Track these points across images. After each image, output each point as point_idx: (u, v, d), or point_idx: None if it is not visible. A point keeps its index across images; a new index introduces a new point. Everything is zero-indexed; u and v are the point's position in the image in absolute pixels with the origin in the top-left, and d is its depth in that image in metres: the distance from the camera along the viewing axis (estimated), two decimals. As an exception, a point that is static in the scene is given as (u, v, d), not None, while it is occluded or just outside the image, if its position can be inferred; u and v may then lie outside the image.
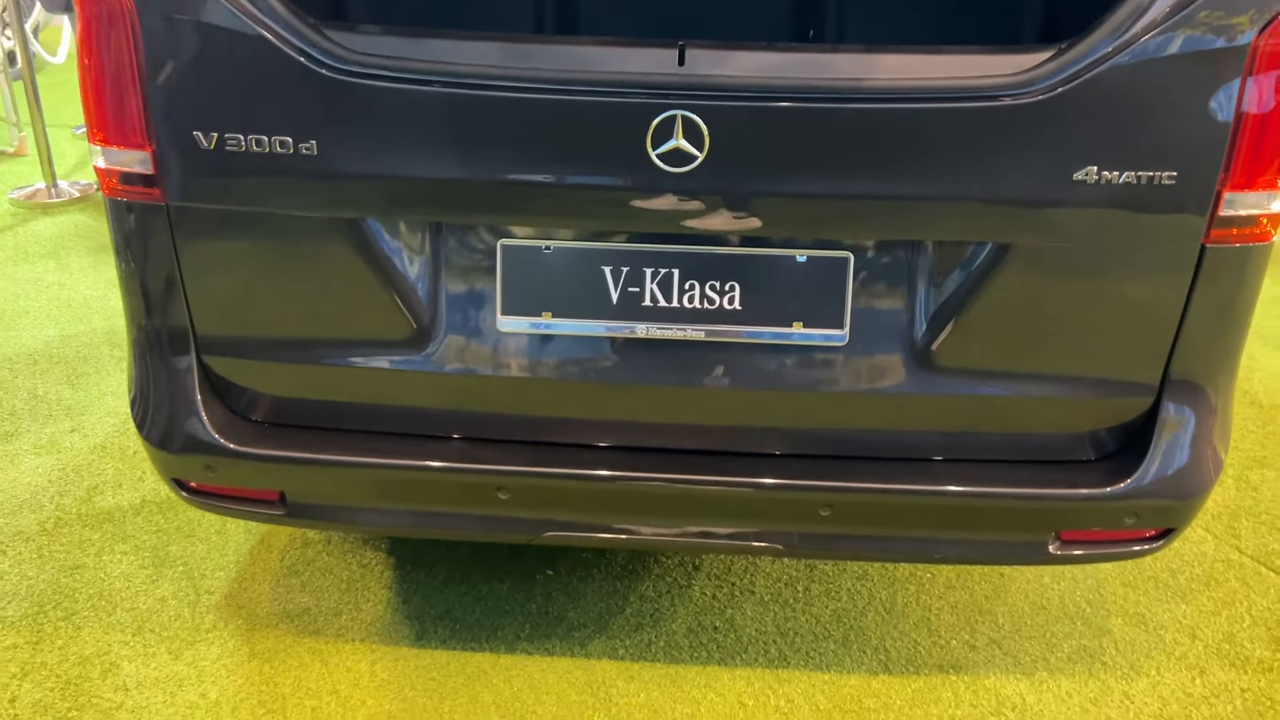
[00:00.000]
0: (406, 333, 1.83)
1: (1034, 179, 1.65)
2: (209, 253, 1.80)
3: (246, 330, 1.85)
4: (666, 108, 1.61)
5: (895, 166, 1.66)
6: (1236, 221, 1.70)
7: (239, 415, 1.93)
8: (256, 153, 1.68)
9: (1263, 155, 1.66)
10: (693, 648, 2.27)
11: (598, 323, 1.81)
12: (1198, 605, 2.44)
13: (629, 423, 1.89)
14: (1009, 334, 1.79)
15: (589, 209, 1.72)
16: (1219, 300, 1.76)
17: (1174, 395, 1.82)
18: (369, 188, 1.72)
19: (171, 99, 1.68)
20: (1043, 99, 1.60)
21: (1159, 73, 1.60)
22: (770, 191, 1.68)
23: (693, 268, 1.78)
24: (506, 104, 1.63)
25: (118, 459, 2.95)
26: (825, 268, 1.78)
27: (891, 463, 1.89)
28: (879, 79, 1.63)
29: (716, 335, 1.81)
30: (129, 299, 1.90)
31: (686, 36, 2.09)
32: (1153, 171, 1.64)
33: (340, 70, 1.63)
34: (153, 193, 1.76)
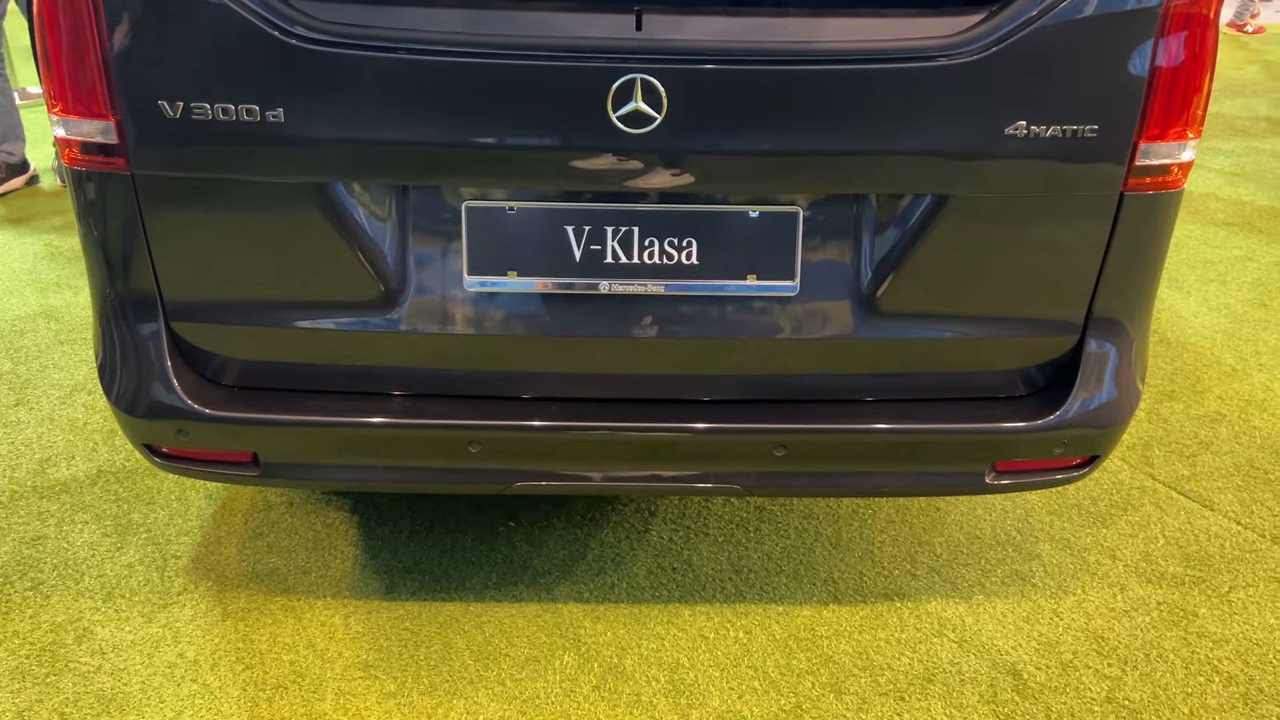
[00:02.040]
0: (374, 294, 1.89)
1: (969, 134, 1.77)
2: (175, 220, 1.83)
3: (215, 296, 1.89)
4: (625, 71, 1.68)
5: (841, 125, 1.76)
6: (1151, 170, 1.84)
7: (209, 380, 1.97)
8: (223, 121, 1.71)
9: (1174, 108, 1.80)
10: (654, 587, 2.39)
11: (561, 280, 1.89)
12: (1117, 529, 2.63)
13: (594, 375, 1.98)
14: (947, 280, 1.91)
15: (552, 171, 1.79)
16: (1136, 243, 1.91)
17: (1097, 332, 1.96)
18: (336, 153, 1.76)
19: (134, 69, 1.70)
20: (975, 59, 1.71)
21: (1081, 33, 1.72)
22: (725, 150, 1.77)
23: (652, 225, 1.87)
24: (470, 69, 1.69)
25: (67, 430, 2.95)
26: (776, 222, 1.88)
27: (841, 404, 2.01)
28: (825, 42, 1.73)
29: (675, 289, 1.90)
30: (94, 269, 1.91)
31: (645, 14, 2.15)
32: (1076, 125, 1.77)
33: (306, 39, 1.66)
34: (116, 162, 1.78)
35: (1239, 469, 2.90)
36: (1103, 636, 2.28)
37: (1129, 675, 2.18)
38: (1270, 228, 4.83)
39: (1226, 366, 3.50)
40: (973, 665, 2.19)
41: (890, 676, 2.16)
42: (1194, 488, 2.81)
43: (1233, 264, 4.40)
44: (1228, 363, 3.53)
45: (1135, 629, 2.30)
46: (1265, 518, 2.69)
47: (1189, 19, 1.74)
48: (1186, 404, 3.25)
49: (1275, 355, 3.59)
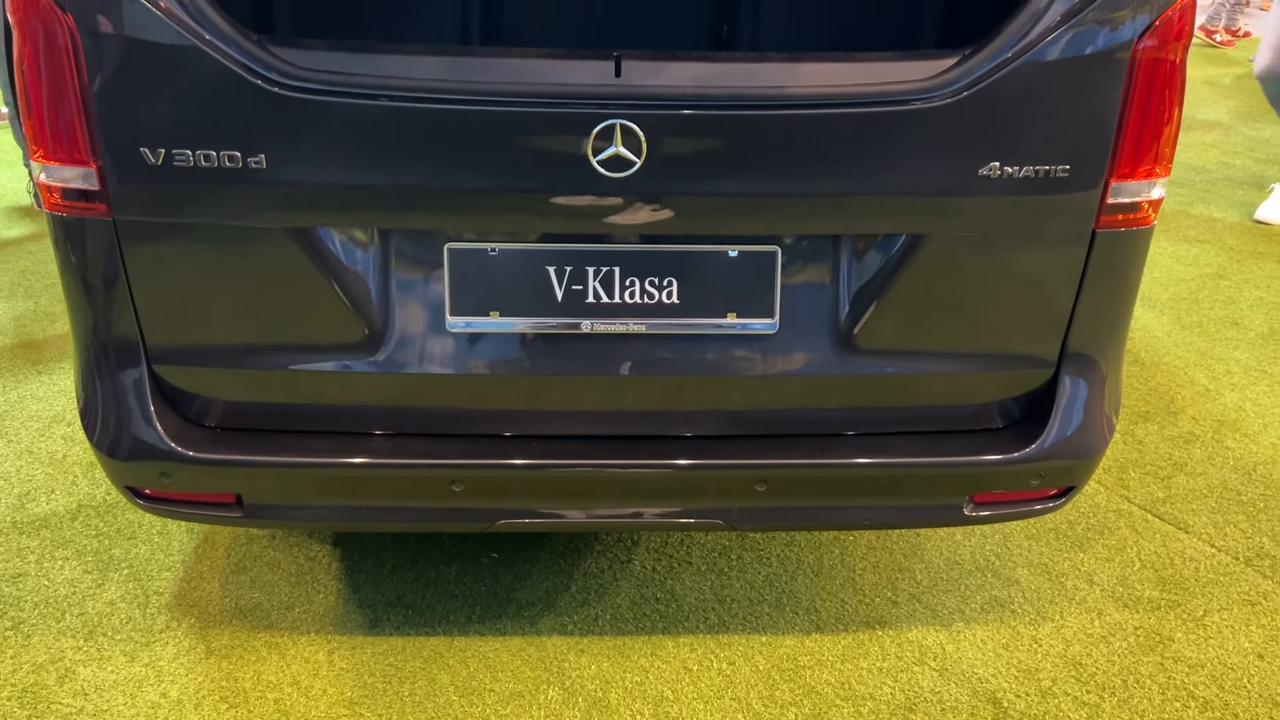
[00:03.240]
0: (358, 335, 1.90)
1: (943, 175, 1.80)
2: (157, 265, 1.83)
3: (198, 339, 1.89)
4: (605, 117, 1.71)
5: (818, 167, 1.79)
6: (1122, 208, 1.88)
7: (193, 421, 1.97)
8: (205, 167, 1.72)
9: (1143, 148, 1.84)
10: (637, 619, 2.40)
11: (544, 320, 1.90)
12: (1094, 553, 2.67)
13: (577, 412, 1.99)
14: (923, 317, 1.94)
15: (534, 214, 1.81)
16: (1109, 279, 1.94)
17: (1071, 366, 2.00)
18: (318, 198, 1.77)
19: (116, 116, 1.71)
20: (949, 102, 1.74)
21: (1052, 76, 1.76)
22: (704, 192, 1.80)
23: (632, 265, 1.89)
24: (453, 116, 1.71)
25: (46, 464, 2.93)
26: (755, 262, 1.90)
27: (821, 438, 2.03)
28: (801, 86, 1.75)
29: (656, 328, 1.92)
30: (76, 312, 1.91)
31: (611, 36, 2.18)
32: (1049, 165, 1.80)
33: (288, 86, 1.68)
34: (98, 208, 1.78)
35: (1212, 490, 2.95)
36: (1081, 663, 2.31)
37: (1107, 702, 2.21)
38: (1241, 245, 4.91)
39: (1200, 386, 3.55)
40: (953, 694, 2.22)
41: (873, 706, 2.18)
42: (1169, 510, 2.85)
43: (1205, 281, 4.47)
44: (1201, 382, 3.58)
45: (1113, 654, 2.34)
46: (1238, 539, 2.73)
47: (1157, 63, 1.78)
48: (1161, 425, 3.30)
49: (1247, 374, 3.65)
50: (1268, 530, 2.78)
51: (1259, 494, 2.94)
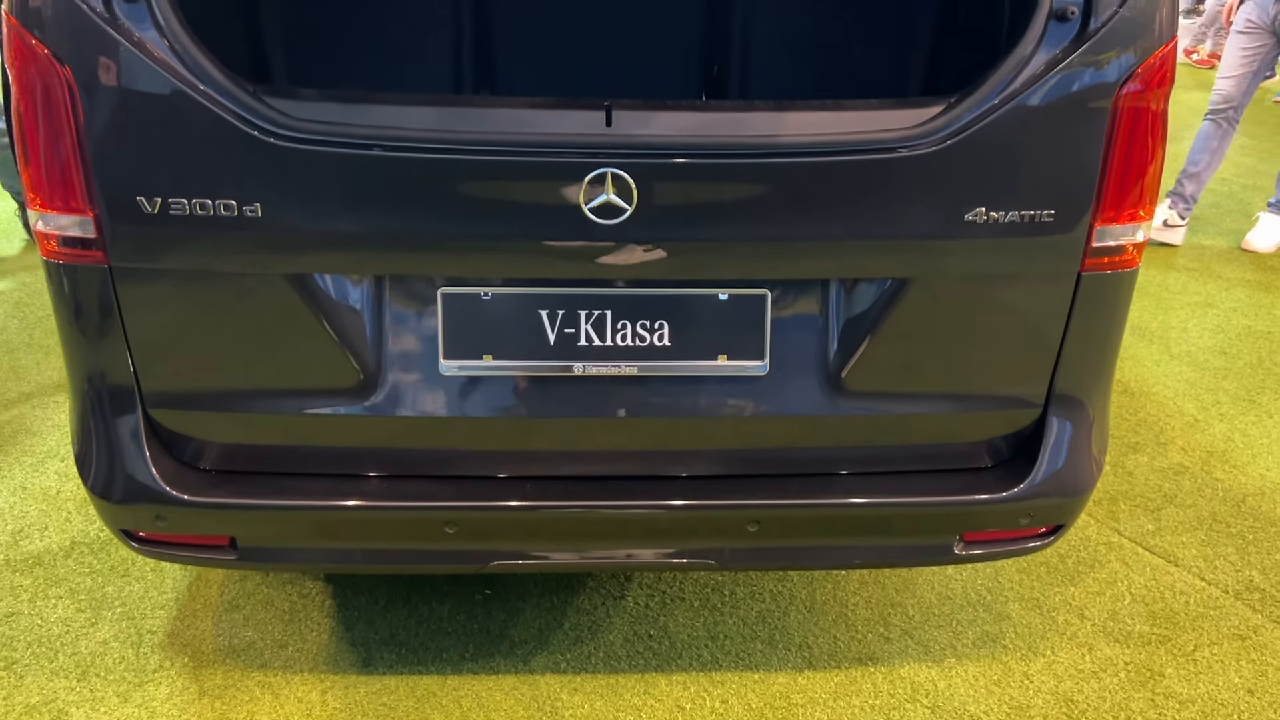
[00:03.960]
0: (352, 379, 1.91)
1: (930, 220, 1.82)
2: (153, 310, 1.85)
3: (193, 384, 1.91)
4: (597, 165, 1.73)
5: (806, 213, 1.81)
6: (1107, 251, 1.90)
7: (187, 464, 1.98)
8: (201, 216, 1.74)
9: (1127, 192, 1.86)
10: (630, 656, 2.41)
11: (536, 363, 1.92)
12: (1084, 586, 2.68)
13: (569, 453, 2.01)
14: (912, 358, 1.96)
15: (526, 260, 1.83)
16: (1095, 320, 1.96)
17: (1058, 407, 2.02)
18: (313, 246, 1.79)
19: (113, 165, 1.73)
20: (935, 150, 1.77)
21: (1036, 123, 1.79)
22: (694, 238, 1.82)
23: (624, 309, 1.91)
24: (446, 165, 1.73)
25: (40, 500, 2.94)
26: (745, 305, 1.92)
27: (812, 478, 2.05)
28: (788, 135, 1.78)
29: (648, 370, 1.93)
30: (71, 358, 1.93)
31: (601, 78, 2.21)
32: (1034, 210, 1.83)
33: (282, 136, 1.70)
34: (94, 255, 1.80)
35: (1202, 523, 2.97)
36: (1072, 699, 2.32)
37: (1098, 738, 2.22)
38: (1228, 273, 4.95)
39: (1189, 416, 3.58)
40: (945, 731, 2.23)
41: (865, 745, 2.19)
42: (1159, 543, 2.87)
43: (1193, 310, 4.50)
44: (1190, 413, 3.60)
45: (1104, 690, 2.35)
46: (1228, 572, 2.75)
47: (1139, 109, 1.81)
48: (1151, 456, 3.32)
49: (1236, 404, 3.67)
50: (1257, 563, 2.80)
51: (1248, 526, 2.96)
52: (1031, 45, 1.76)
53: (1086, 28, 1.76)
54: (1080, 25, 1.76)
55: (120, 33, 1.66)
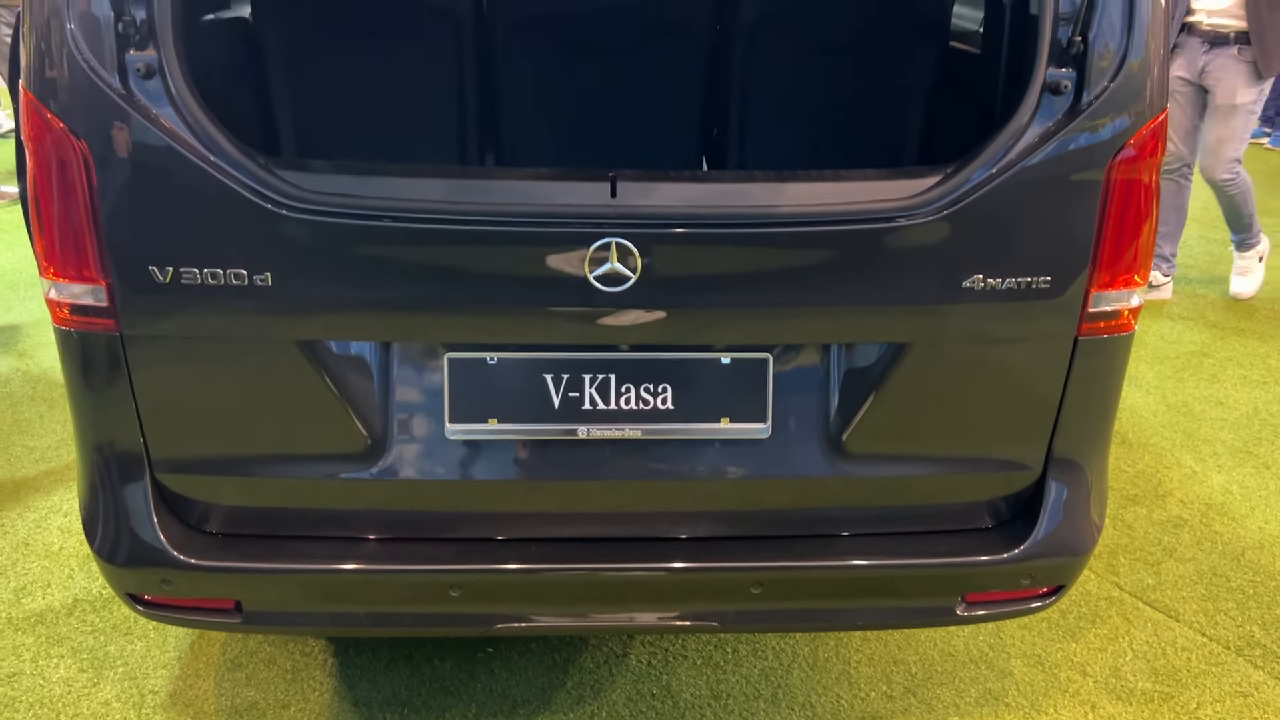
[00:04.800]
0: (359, 443, 1.93)
1: (928, 287, 1.86)
2: (163, 377, 1.87)
3: (201, 449, 1.93)
4: (602, 235, 1.76)
5: (806, 280, 1.85)
6: (1103, 316, 1.94)
7: (193, 528, 1.99)
8: (212, 285, 1.77)
9: (1121, 259, 1.90)
10: (633, 716, 2.40)
11: (541, 426, 1.94)
12: (1086, 643, 2.69)
13: (573, 515, 2.02)
14: (912, 421, 1.99)
15: (532, 326, 1.86)
16: (1092, 384, 1.99)
17: (1057, 469, 2.04)
18: (322, 314, 1.82)
19: (126, 235, 1.76)
20: (932, 219, 1.80)
21: (1032, 193, 1.82)
22: (697, 304, 1.85)
23: (628, 372, 1.93)
24: (454, 235, 1.76)
25: (42, 556, 2.94)
26: (747, 368, 1.95)
27: (814, 540, 2.06)
28: (788, 205, 1.82)
29: (652, 433, 1.96)
30: (81, 423, 1.95)
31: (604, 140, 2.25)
32: (1031, 277, 1.86)
33: (294, 207, 1.73)
34: (106, 323, 1.82)
35: (1202, 577, 2.97)
36: (1075, 759, 2.32)
37: (1102, 799, 2.21)
38: (1223, 321, 4.99)
39: (1187, 468, 3.60)
40: (949, 792, 2.22)
41: (869, 806, 2.18)
42: (1159, 597, 2.88)
43: (1189, 359, 4.53)
44: (1188, 464, 3.62)
45: (1107, 749, 2.34)
46: (1228, 628, 2.76)
47: (1131, 180, 1.85)
48: (1149, 508, 3.33)
49: (1233, 455, 3.69)
50: (1257, 618, 2.80)
51: (1248, 580, 2.97)
52: (1026, 117, 1.80)
53: (1079, 101, 1.80)
54: (1073, 99, 1.80)
55: (136, 108, 1.70)
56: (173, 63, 1.70)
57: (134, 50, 1.69)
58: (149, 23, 1.69)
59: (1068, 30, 1.78)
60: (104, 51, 1.68)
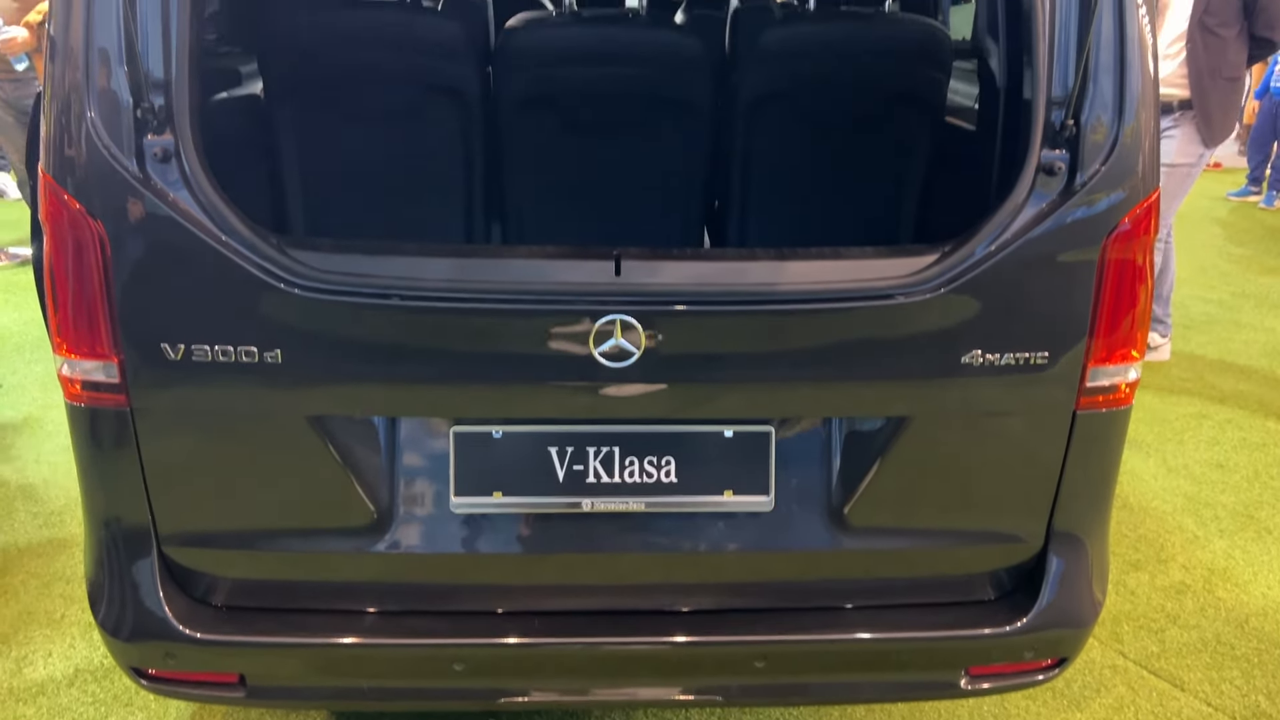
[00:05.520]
0: (365, 517, 1.94)
1: (928, 363, 1.88)
2: (172, 452, 1.89)
3: (209, 523, 1.94)
4: (606, 312, 1.80)
5: (808, 356, 1.88)
6: (1101, 390, 1.96)
7: (199, 601, 2.00)
8: (223, 362, 1.80)
9: (1117, 335, 1.93)
10: (636, 789, 2.39)
11: (545, 499, 1.96)
12: (1091, 712, 2.67)
13: (577, 588, 2.03)
14: (913, 494, 2.00)
15: (538, 401, 1.88)
16: (1091, 458, 2.01)
17: (1059, 543, 2.05)
18: (331, 389, 1.85)
19: (139, 313, 1.79)
20: (931, 297, 1.84)
21: (1027, 271, 1.86)
22: (700, 379, 1.88)
23: (632, 446, 1.95)
24: (463, 313, 1.80)
25: (44, 625, 2.93)
26: (750, 442, 1.97)
27: (818, 613, 2.06)
28: (790, 284, 1.85)
29: (655, 506, 1.97)
30: (89, 496, 1.96)
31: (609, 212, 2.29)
32: (1028, 352, 1.89)
33: (304, 287, 1.77)
34: (117, 399, 1.85)
35: (1206, 645, 2.97)
36: (1083, 834, 2.29)
37: None
38: (1222, 383, 5.01)
39: (1189, 533, 3.60)
40: None
41: None
42: (1164, 666, 2.86)
43: (1188, 422, 4.55)
44: (1190, 529, 3.62)
45: (1114, 824, 2.32)
46: (1234, 697, 2.74)
47: (1124, 258, 1.88)
48: (1152, 574, 3.33)
49: (1234, 519, 3.70)
50: (1263, 687, 2.79)
51: (1252, 648, 2.96)
52: (1021, 197, 1.84)
53: (1073, 181, 1.84)
54: (1067, 179, 1.84)
55: (152, 190, 1.74)
56: (188, 146, 1.75)
57: (151, 135, 1.74)
58: (167, 108, 1.74)
59: (1060, 113, 1.83)
60: (122, 136, 1.73)
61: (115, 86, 1.72)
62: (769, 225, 2.51)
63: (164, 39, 1.72)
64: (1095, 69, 1.82)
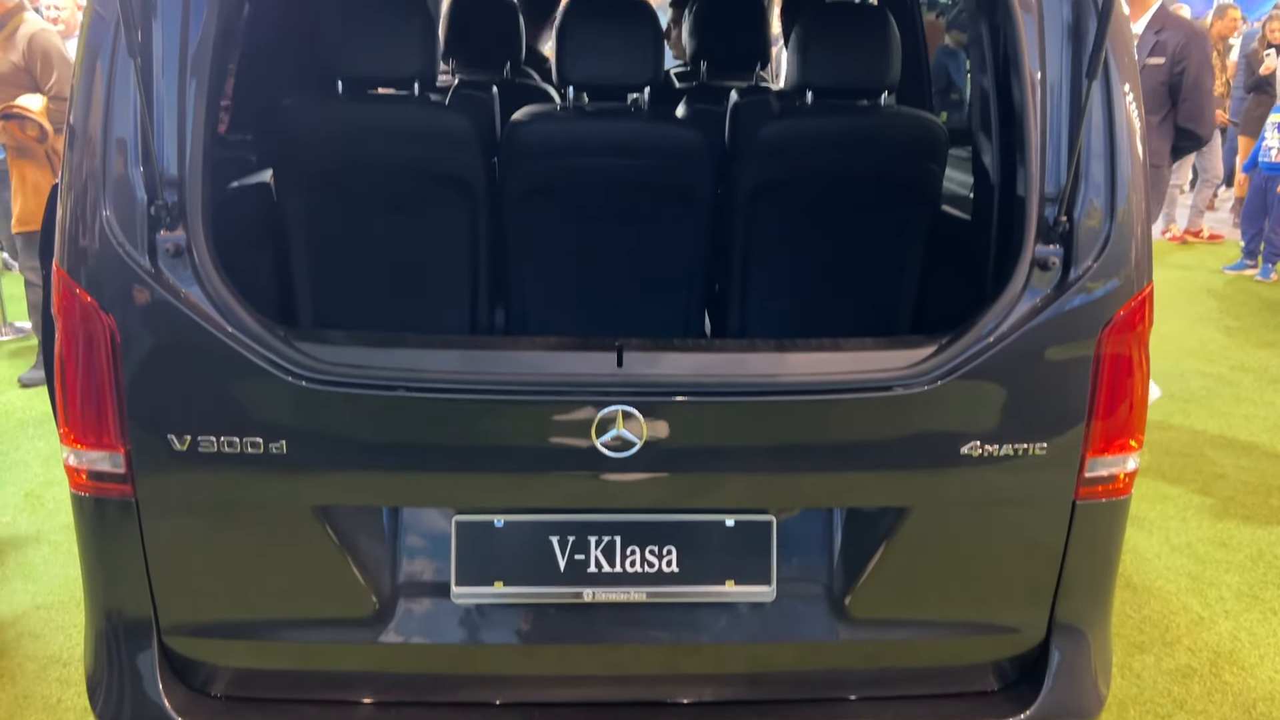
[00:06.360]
0: (367, 607, 1.95)
1: (927, 454, 1.90)
2: (176, 542, 1.90)
3: (210, 614, 1.95)
4: (609, 403, 1.82)
5: (808, 446, 1.90)
6: (1100, 480, 1.98)
7: (198, 691, 1.99)
8: (228, 453, 1.82)
9: (1114, 426, 1.95)
10: None
11: (546, 589, 1.96)
12: (1099, 802, 2.63)
13: (577, 679, 2.03)
14: (914, 584, 2.01)
15: (540, 491, 1.90)
16: (1091, 548, 2.02)
17: (1061, 634, 2.05)
18: (334, 480, 1.87)
19: (147, 405, 1.82)
20: (929, 389, 1.86)
21: (1024, 363, 1.89)
22: (701, 469, 1.90)
23: (633, 535, 1.96)
24: (466, 405, 1.82)
25: (41, 710, 2.91)
26: (752, 531, 1.98)
27: (819, 705, 2.06)
28: (789, 375, 1.88)
29: (657, 596, 1.97)
30: (91, 585, 1.97)
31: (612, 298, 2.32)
32: (1027, 443, 1.91)
33: (310, 379, 1.79)
34: (123, 489, 1.86)
35: (1214, 731, 2.93)
36: None
37: None
38: (1222, 458, 5.01)
39: (1194, 614, 3.57)
40: None
41: None
42: (1172, 753, 2.83)
43: (1190, 499, 4.54)
44: (1195, 609, 3.60)
45: None
46: (1244, 786, 2.71)
47: (1121, 349, 1.91)
48: (1158, 656, 3.30)
49: (1239, 600, 3.67)
50: (1273, 776, 2.75)
51: (1261, 734, 2.92)
52: (1016, 291, 1.87)
53: (1067, 275, 1.88)
54: (1062, 273, 1.88)
55: (164, 285, 1.77)
56: (200, 241, 1.78)
57: (164, 230, 1.77)
58: (180, 204, 1.78)
59: (1054, 209, 1.87)
60: (136, 233, 1.77)
61: (131, 181, 1.76)
62: (769, 311, 2.55)
63: (179, 134, 1.77)
64: (1086, 158, 1.86)
